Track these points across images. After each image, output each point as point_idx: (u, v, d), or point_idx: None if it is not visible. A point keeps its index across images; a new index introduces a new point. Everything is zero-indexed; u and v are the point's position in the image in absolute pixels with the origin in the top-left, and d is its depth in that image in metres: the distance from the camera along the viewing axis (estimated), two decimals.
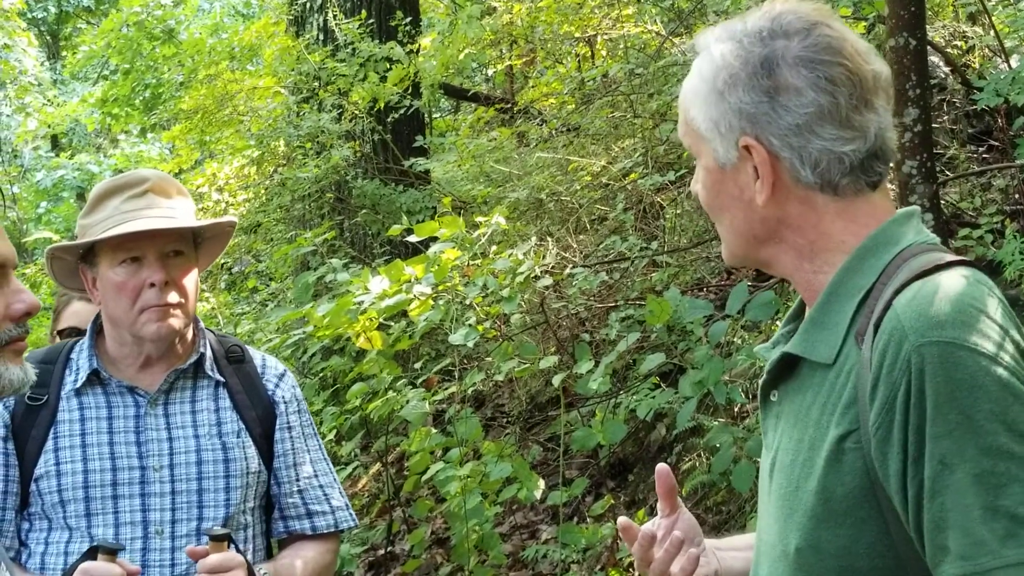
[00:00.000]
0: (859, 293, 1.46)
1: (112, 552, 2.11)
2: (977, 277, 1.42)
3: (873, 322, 1.41)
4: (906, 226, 1.51)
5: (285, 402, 2.53)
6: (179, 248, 2.39)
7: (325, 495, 2.55)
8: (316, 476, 2.54)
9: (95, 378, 2.40)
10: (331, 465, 2.62)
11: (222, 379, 2.48)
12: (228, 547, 2.23)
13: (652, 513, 4.79)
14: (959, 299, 1.36)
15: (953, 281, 1.39)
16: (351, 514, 2.59)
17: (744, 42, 1.49)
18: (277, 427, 2.50)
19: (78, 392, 2.39)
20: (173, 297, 2.36)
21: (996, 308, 1.38)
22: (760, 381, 1.61)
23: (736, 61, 1.49)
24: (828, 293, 1.50)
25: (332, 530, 2.55)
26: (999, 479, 1.29)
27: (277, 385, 2.54)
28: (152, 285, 2.34)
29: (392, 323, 4.67)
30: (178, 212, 2.41)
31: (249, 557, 2.39)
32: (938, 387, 1.32)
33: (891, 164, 1.57)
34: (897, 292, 1.41)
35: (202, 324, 2.53)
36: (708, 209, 1.61)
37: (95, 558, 2.11)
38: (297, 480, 2.51)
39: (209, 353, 2.48)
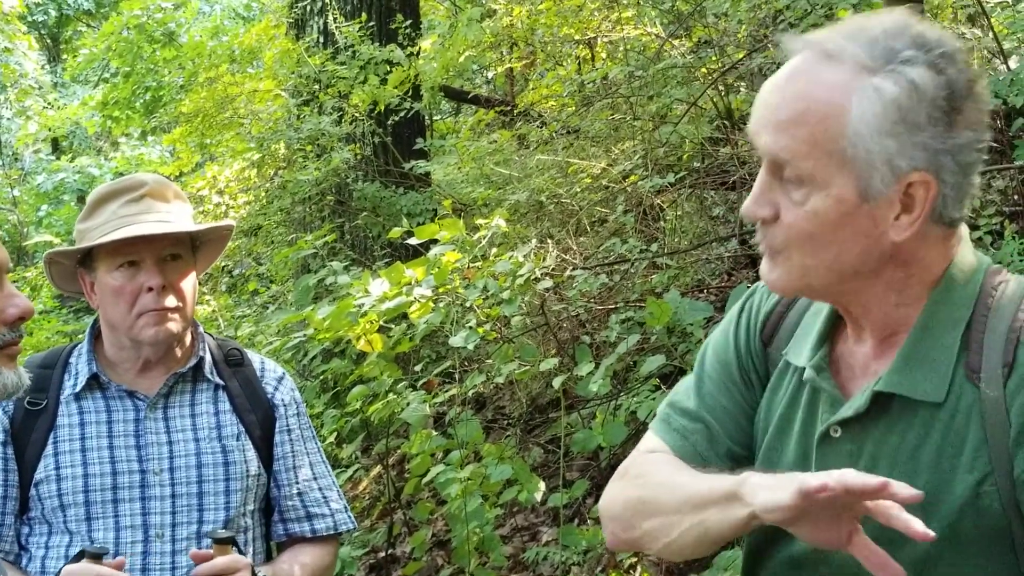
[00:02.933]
0: (958, 325, 1.42)
1: (96, 556, 2.12)
2: None
3: (1002, 362, 1.36)
4: (969, 249, 1.47)
5: (284, 405, 2.53)
6: (176, 252, 2.40)
7: (324, 498, 2.55)
8: (315, 479, 2.55)
9: (94, 382, 2.41)
10: (330, 468, 2.63)
11: (221, 382, 2.48)
12: (232, 550, 2.24)
13: None
14: None
15: None
16: (350, 517, 2.60)
17: (939, 67, 1.35)
18: (276, 430, 2.51)
19: (77, 396, 2.39)
20: (171, 301, 2.36)
21: None
22: (835, 417, 1.50)
23: (935, 91, 1.35)
24: (921, 327, 1.44)
25: (331, 533, 2.55)
26: None
27: (276, 388, 2.54)
28: (150, 289, 2.34)
29: (393, 325, 4.68)
30: (175, 216, 2.41)
31: (249, 560, 2.40)
32: None
33: None
34: (1022, 326, 1.37)
35: (201, 328, 2.53)
36: (802, 239, 1.44)
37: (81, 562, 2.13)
38: (296, 483, 2.52)
39: (208, 357, 2.49)
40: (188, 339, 2.48)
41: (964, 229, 1.50)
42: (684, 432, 1.68)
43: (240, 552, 2.29)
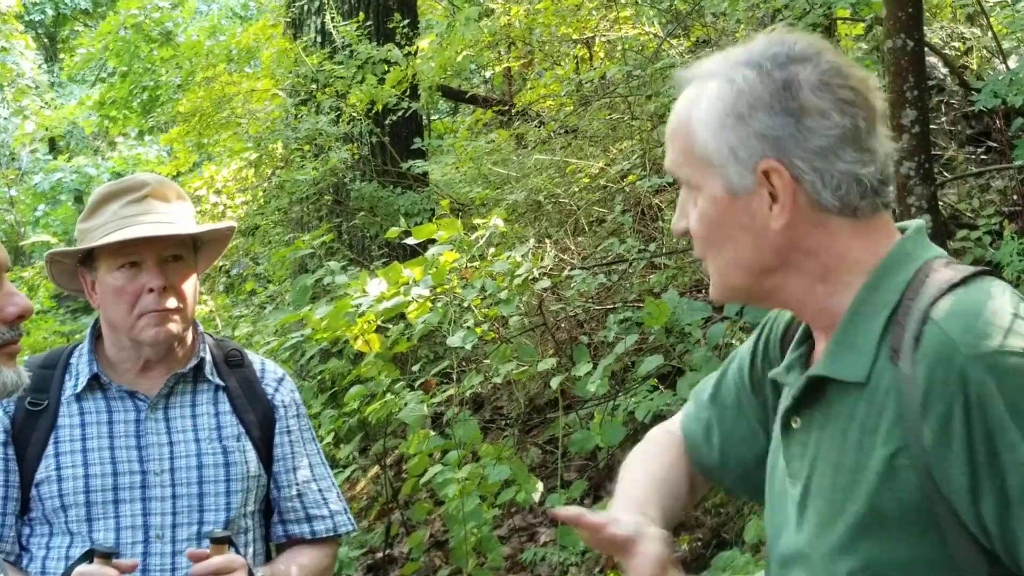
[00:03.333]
0: (885, 310, 1.46)
1: (107, 555, 2.11)
2: (1003, 285, 1.44)
3: (912, 337, 1.40)
4: (919, 241, 1.52)
5: (284, 406, 2.53)
6: (178, 253, 2.40)
7: (324, 499, 2.55)
8: (315, 480, 2.54)
9: (95, 383, 2.40)
10: (329, 469, 2.62)
11: (222, 383, 2.48)
12: (229, 549, 2.23)
13: None
14: (998, 309, 1.38)
15: (986, 292, 1.41)
16: (349, 518, 2.59)
17: (764, 66, 1.47)
18: (276, 431, 2.50)
19: (78, 397, 2.39)
20: (172, 302, 2.36)
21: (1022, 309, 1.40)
22: (783, 407, 1.59)
23: (759, 85, 1.47)
24: (851, 313, 1.49)
25: (331, 534, 2.55)
26: None
27: (276, 389, 2.54)
28: (151, 290, 2.34)
29: (390, 325, 4.67)
30: (177, 216, 2.41)
31: (249, 561, 2.39)
32: (1004, 396, 1.32)
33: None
34: (933, 303, 1.41)
35: (201, 328, 2.53)
36: (703, 243, 1.56)
37: (91, 562, 2.11)
38: (296, 484, 2.51)
39: (209, 357, 2.48)
40: (189, 339, 2.47)
41: (917, 223, 1.56)
42: (691, 418, 1.88)
43: (237, 552, 2.28)
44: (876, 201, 1.49)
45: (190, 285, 2.42)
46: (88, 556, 2.12)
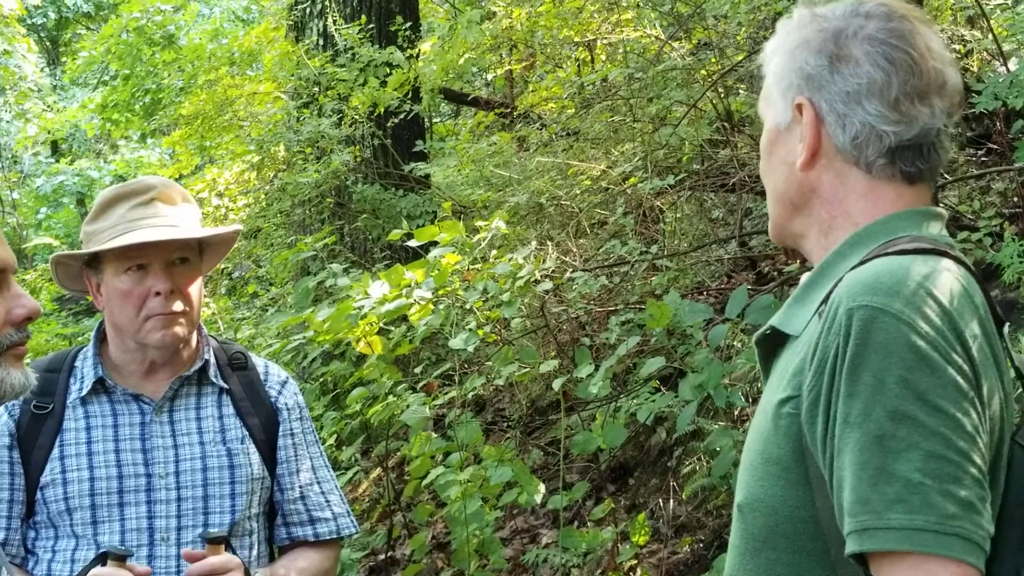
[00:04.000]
0: (840, 275, 1.47)
1: (121, 558, 2.12)
2: (943, 264, 1.42)
3: (827, 295, 1.44)
4: (911, 221, 1.51)
5: (288, 409, 2.53)
6: (184, 256, 2.41)
7: (327, 501, 2.55)
8: (318, 483, 2.55)
9: (100, 386, 2.41)
10: (332, 472, 2.63)
11: (226, 386, 2.49)
12: (225, 550, 2.24)
13: (653, 516, 4.80)
14: (902, 272, 1.38)
15: (909, 260, 1.41)
16: (352, 520, 2.60)
17: (827, 15, 1.55)
18: (280, 434, 2.51)
19: (83, 400, 2.40)
20: (178, 305, 2.37)
21: (947, 291, 1.38)
22: (756, 354, 1.64)
23: (812, 26, 1.56)
24: (817, 272, 1.54)
25: (334, 536, 2.56)
26: (899, 443, 1.30)
27: (280, 392, 2.54)
28: (157, 293, 2.35)
29: (392, 328, 4.67)
30: (183, 220, 2.42)
31: (252, 563, 2.40)
32: (856, 349, 1.33)
33: (938, 171, 1.58)
34: (856, 266, 1.44)
35: (205, 331, 2.54)
36: (763, 174, 1.65)
37: (104, 564, 2.12)
38: (300, 486, 2.52)
39: (213, 360, 2.49)
40: (193, 342, 2.48)
41: (928, 211, 1.54)
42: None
43: (234, 552, 2.29)
44: (896, 166, 1.51)
45: (196, 288, 2.43)
46: (102, 559, 2.13)
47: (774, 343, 1.57)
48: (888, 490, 1.29)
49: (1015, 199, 5.19)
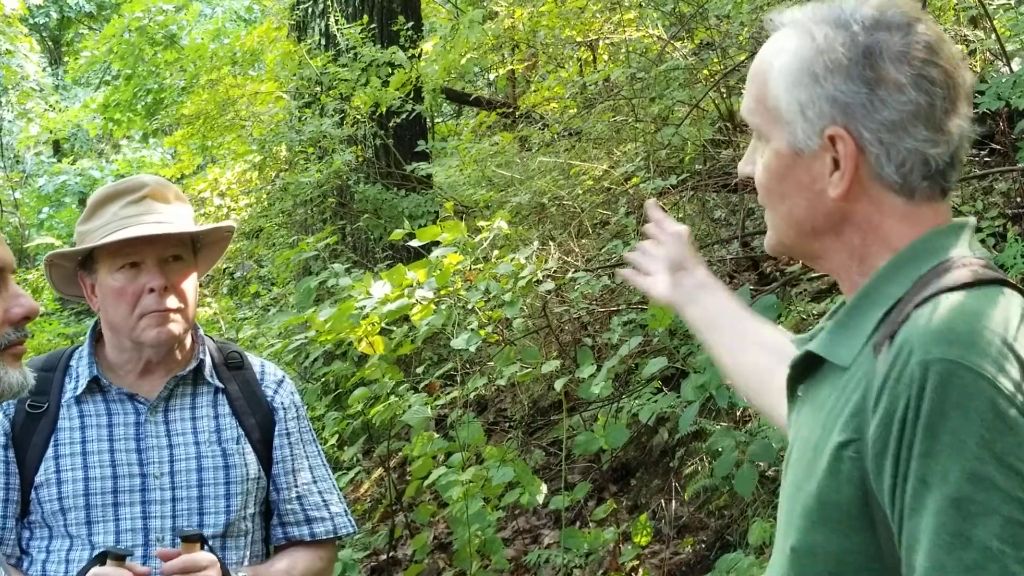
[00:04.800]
0: (889, 302, 1.42)
1: (121, 558, 2.11)
2: (1009, 299, 1.37)
3: (891, 333, 1.38)
4: (953, 238, 1.46)
5: (284, 408, 2.52)
6: (178, 253, 2.40)
7: (324, 501, 2.54)
8: (315, 482, 2.54)
9: (95, 385, 2.40)
10: (330, 471, 2.62)
11: (221, 385, 2.48)
12: (202, 548, 2.23)
13: (655, 517, 4.79)
14: (976, 319, 1.32)
15: (977, 300, 1.35)
16: (350, 520, 2.59)
17: (851, 28, 1.43)
18: (276, 433, 2.50)
19: (78, 399, 2.39)
20: (172, 302, 2.36)
21: (1019, 334, 1.33)
22: (787, 376, 1.58)
23: (840, 47, 1.43)
24: (859, 297, 1.47)
25: (330, 536, 2.54)
26: (977, 507, 1.25)
27: (276, 391, 2.54)
28: (151, 290, 2.34)
29: (394, 328, 4.67)
30: (176, 217, 2.41)
31: (247, 563, 2.39)
32: (933, 406, 1.28)
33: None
34: (920, 304, 1.37)
35: (201, 330, 2.53)
36: (765, 192, 1.56)
37: (103, 564, 2.11)
38: (296, 486, 2.51)
39: (208, 359, 2.48)
40: (188, 342, 2.47)
41: (964, 220, 1.50)
42: None
43: (210, 550, 2.28)
44: (937, 184, 1.45)
45: (190, 285, 2.42)
46: (101, 558, 2.13)
47: (810, 367, 1.52)
48: (965, 556, 1.25)
49: (1018, 199, 5.18)
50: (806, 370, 1.53)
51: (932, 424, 1.28)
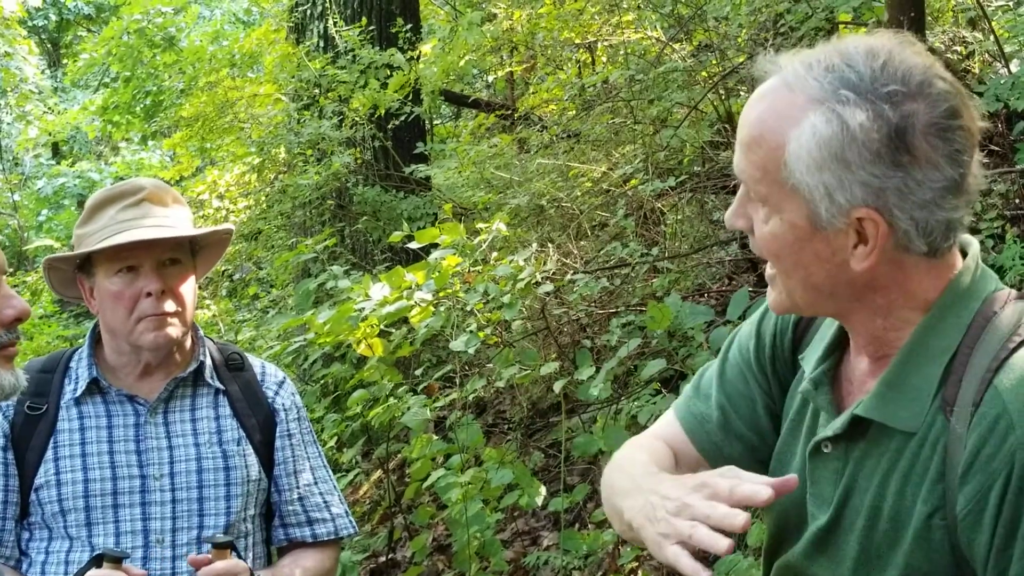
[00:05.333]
0: (943, 356, 1.41)
1: (117, 560, 2.11)
2: None
3: (973, 400, 1.36)
4: (976, 271, 1.46)
5: (285, 409, 2.52)
6: (176, 257, 2.39)
7: (325, 502, 2.54)
8: (316, 483, 2.54)
9: (95, 387, 2.40)
10: (331, 472, 2.62)
11: (222, 387, 2.48)
12: (231, 554, 2.23)
13: None
14: None
15: None
16: (351, 521, 2.59)
17: (878, 105, 1.35)
18: (277, 434, 2.50)
19: (78, 401, 2.39)
20: (170, 306, 2.36)
21: None
22: (819, 436, 1.54)
23: (873, 131, 1.35)
24: (907, 354, 1.44)
25: (332, 537, 2.55)
26: None
27: (277, 392, 2.54)
28: (149, 294, 2.34)
29: (393, 330, 4.67)
30: (174, 221, 2.41)
31: (249, 565, 2.39)
32: None
33: None
34: (999, 366, 1.36)
35: (201, 332, 2.53)
36: (772, 259, 1.49)
37: (100, 566, 2.11)
38: (297, 487, 2.51)
39: (208, 361, 2.48)
40: (188, 343, 2.47)
41: (974, 249, 1.49)
42: (701, 418, 1.75)
43: (239, 556, 2.28)
44: (957, 235, 1.43)
45: (188, 288, 2.42)
46: (97, 560, 2.13)
47: (861, 430, 1.48)
48: None
49: (1017, 201, 5.18)
50: (846, 433, 1.50)
51: None
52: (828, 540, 1.52)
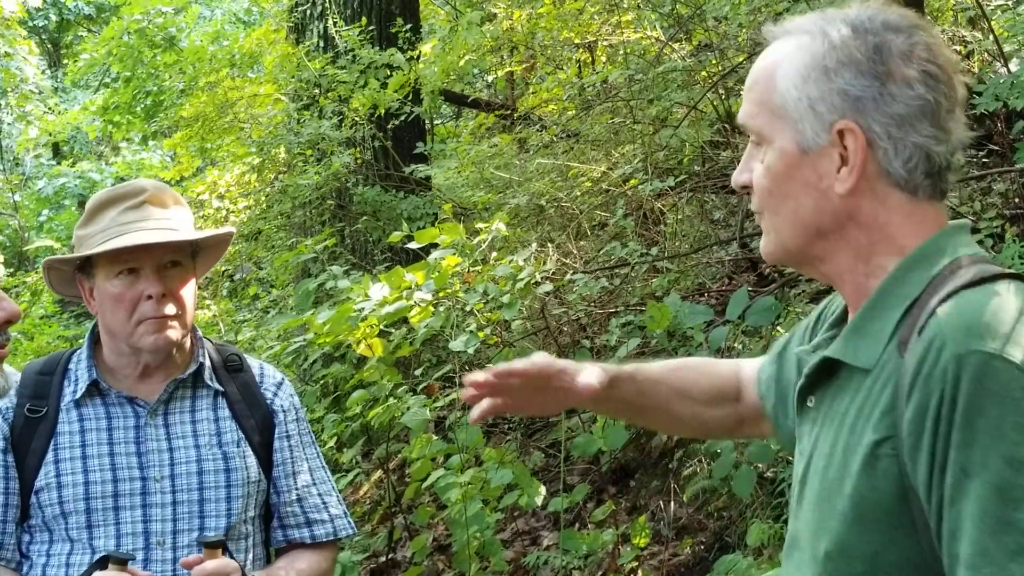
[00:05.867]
0: (905, 302, 1.45)
1: (122, 562, 2.12)
2: (1022, 291, 1.41)
3: (917, 329, 1.40)
4: (957, 238, 1.50)
5: (283, 411, 2.52)
6: (176, 259, 2.39)
7: (324, 503, 2.54)
8: (315, 484, 2.54)
9: (94, 389, 2.40)
10: (329, 473, 2.62)
11: (221, 388, 2.48)
12: (223, 554, 2.23)
13: (653, 518, 4.79)
14: (1003, 311, 1.35)
15: (1000, 293, 1.39)
16: (349, 522, 2.59)
17: (861, 27, 1.47)
18: (276, 436, 2.50)
19: (78, 403, 2.39)
20: (170, 309, 2.36)
21: None
22: (798, 385, 1.60)
23: (852, 43, 1.46)
24: (875, 300, 1.49)
25: (331, 538, 2.55)
26: (1019, 492, 1.28)
27: (275, 394, 2.54)
28: (149, 297, 2.34)
29: (393, 330, 4.67)
30: (175, 223, 2.41)
31: (248, 566, 2.39)
32: (970, 396, 1.31)
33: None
34: (943, 301, 1.40)
35: (200, 333, 2.53)
36: (766, 195, 1.55)
37: (105, 568, 2.11)
38: (296, 489, 2.51)
39: (208, 362, 2.48)
40: (187, 345, 2.47)
41: (963, 224, 1.53)
42: (764, 366, 1.91)
43: (231, 556, 2.28)
44: (937, 184, 1.48)
45: (189, 291, 2.42)
46: (103, 562, 2.13)
47: (828, 373, 1.53)
48: (1009, 540, 1.27)
49: (1016, 200, 5.18)
50: (819, 379, 1.55)
51: (970, 414, 1.31)
52: (803, 492, 1.55)
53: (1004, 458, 1.28)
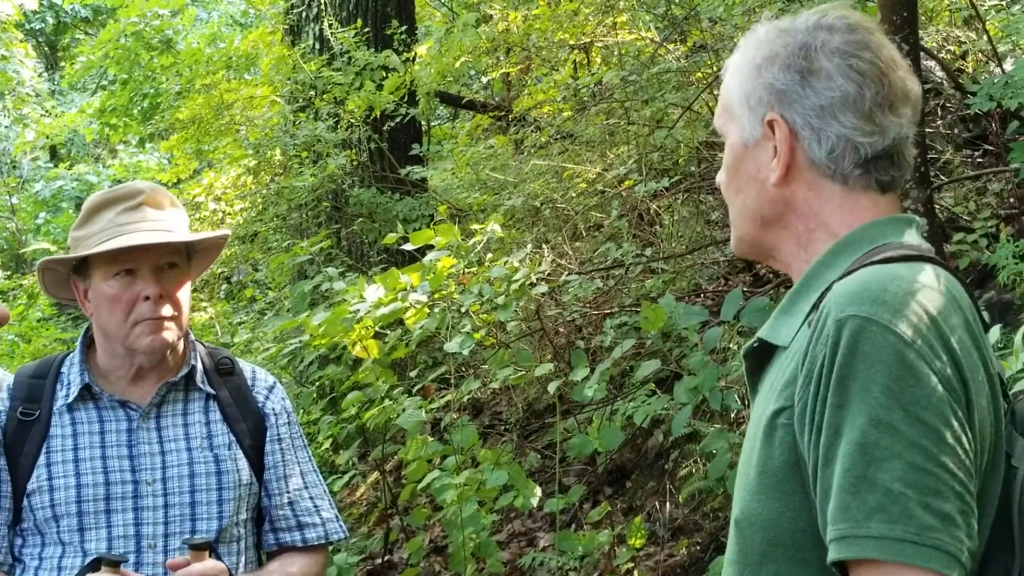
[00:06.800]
0: (826, 284, 1.48)
1: (115, 564, 2.12)
2: (930, 271, 1.43)
3: (815, 306, 1.45)
4: (891, 227, 1.53)
5: (275, 414, 2.53)
6: (173, 261, 2.40)
7: (315, 507, 2.54)
8: (306, 488, 2.54)
9: (87, 392, 2.40)
10: (321, 477, 2.62)
11: (212, 391, 2.48)
12: (210, 556, 2.23)
13: (649, 519, 4.80)
14: (889, 281, 1.39)
15: (897, 269, 1.42)
16: (341, 526, 2.59)
17: (790, 29, 1.56)
18: (267, 439, 2.50)
19: (70, 407, 2.39)
20: (167, 310, 2.36)
21: (933, 298, 1.39)
22: (744, 368, 1.64)
23: (779, 41, 1.55)
24: (802, 282, 1.55)
25: (322, 542, 2.55)
26: (882, 452, 1.30)
27: (267, 397, 2.54)
28: (146, 298, 2.34)
29: (388, 331, 4.68)
30: (172, 224, 2.42)
31: (240, 569, 2.39)
32: (844, 359, 1.34)
33: (907, 178, 1.60)
34: (844, 276, 1.44)
35: (192, 336, 2.53)
36: (726, 191, 1.64)
37: (97, 570, 2.11)
38: (287, 492, 2.51)
39: (200, 365, 2.48)
40: (180, 348, 2.48)
41: (905, 217, 1.56)
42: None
43: (218, 558, 2.28)
44: (871, 176, 1.52)
45: (185, 293, 2.42)
46: (95, 565, 2.13)
47: (762, 356, 1.57)
48: (869, 498, 1.30)
49: (1011, 200, 5.19)
50: (759, 362, 1.58)
51: (843, 376, 1.34)
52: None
53: (870, 418, 1.32)
